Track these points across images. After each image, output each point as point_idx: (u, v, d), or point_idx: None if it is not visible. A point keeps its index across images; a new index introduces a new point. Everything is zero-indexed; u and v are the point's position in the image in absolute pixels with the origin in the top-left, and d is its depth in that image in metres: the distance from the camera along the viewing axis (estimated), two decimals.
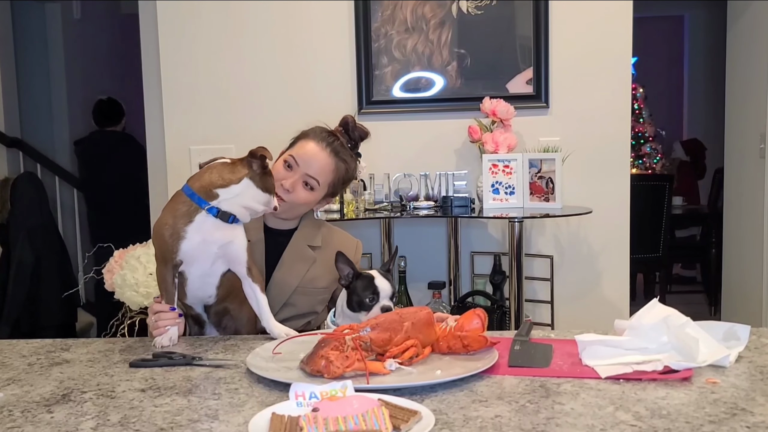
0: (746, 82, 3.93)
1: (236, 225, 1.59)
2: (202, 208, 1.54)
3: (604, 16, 3.18)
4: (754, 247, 3.80)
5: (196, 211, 1.54)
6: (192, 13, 3.31)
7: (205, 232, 1.55)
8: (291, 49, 3.31)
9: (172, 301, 1.59)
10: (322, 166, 1.85)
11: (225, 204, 1.55)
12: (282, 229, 1.91)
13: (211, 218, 1.55)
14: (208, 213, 1.54)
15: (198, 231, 1.54)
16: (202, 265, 1.59)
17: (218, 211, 1.55)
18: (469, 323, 1.43)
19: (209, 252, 1.57)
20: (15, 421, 1.13)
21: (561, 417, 1.08)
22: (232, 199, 1.56)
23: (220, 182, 1.55)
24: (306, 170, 1.84)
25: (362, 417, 0.98)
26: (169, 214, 1.56)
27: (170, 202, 1.60)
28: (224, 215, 1.55)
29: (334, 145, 1.87)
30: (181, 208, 1.55)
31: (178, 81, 3.35)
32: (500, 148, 3.00)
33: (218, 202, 1.55)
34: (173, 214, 1.55)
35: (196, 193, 1.55)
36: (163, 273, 1.59)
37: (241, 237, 1.61)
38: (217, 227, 1.56)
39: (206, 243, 1.56)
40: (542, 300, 3.21)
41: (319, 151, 1.85)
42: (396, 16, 3.24)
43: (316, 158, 1.85)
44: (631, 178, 3.26)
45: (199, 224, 1.54)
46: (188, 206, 1.55)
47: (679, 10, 7.40)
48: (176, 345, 1.57)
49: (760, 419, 1.05)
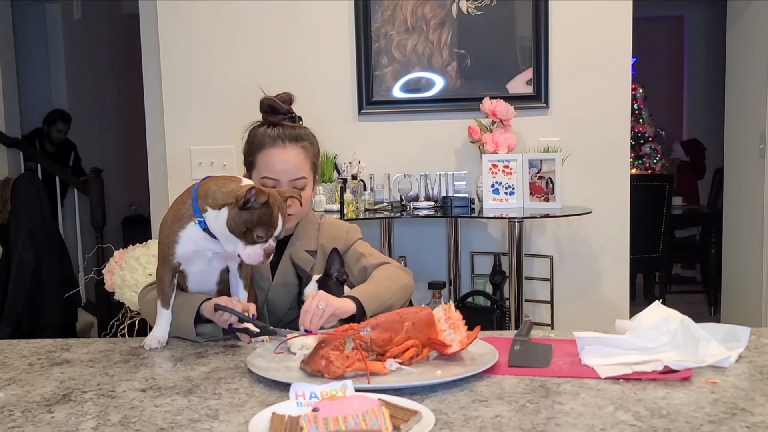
0: (746, 82, 3.93)
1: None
2: (194, 218, 1.52)
3: (604, 16, 3.18)
4: (754, 247, 3.80)
5: (190, 219, 1.52)
6: (192, 13, 3.31)
7: (197, 242, 1.54)
8: (291, 50, 3.31)
9: (167, 303, 1.57)
10: (297, 162, 1.77)
11: (209, 222, 1.51)
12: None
13: (200, 230, 1.52)
14: (197, 225, 1.52)
15: (190, 239, 1.53)
16: (200, 265, 1.60)
17: (206, 226, 1.51)
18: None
19: (204, 256, 1.57)
20: (15, 421, 1.13)
21: (561, 417, 1.08)
22: (212, 220, 1.50)
23: (212, 201, 1.49)
24: (288, 177, 1.76)
25: (362, 417, 0.98)
26: (172, 213, 1.56)
27: (181, 196, 1.57)
28: (210, 232, 1.51)
29: (287, 133, 1.77)
30: (181, 210, 1.54)
31: (178, 81, 3.35)
32: (500, 149, 3.00)
33: (206, 218, 1.51)
34: (176, 213, 1.55)
35: (197, 200, 1.52)
36: (161, 273, 1.58)
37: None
38: (206, 239, 1.53)
39: (198, 252, 1.55)
40: (542, 300, 3.21)
41: (284, 153, 1.76)
42: (396, 17, 3.24)
43: (287, 162, 1.76)
44: (631, 178, 3.26)
45: (190, 233, 1.53)
46: (187, 210, 1.53)
47: (679, 10, 7.40)
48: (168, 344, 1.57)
49: (760, 419, 1.05)
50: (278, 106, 1.81)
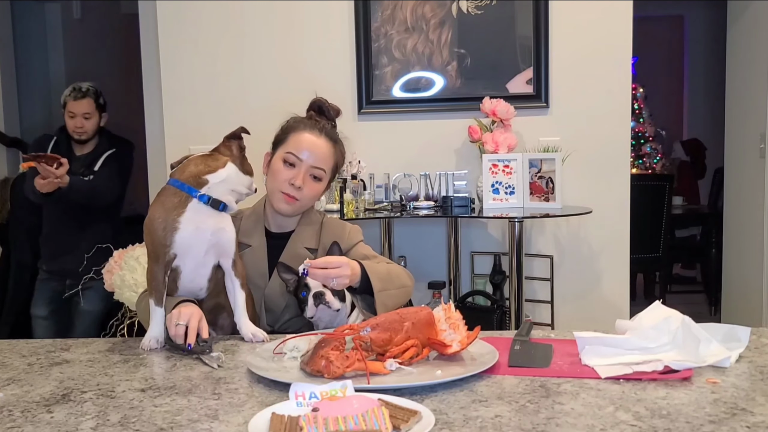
0: (746, 82, 3.92)
1: (225, 214, 1.62)
2: (193, 197, 1.57)
3: (604, 16, 3.18)
4: (754, 247, 3.80)
5: (188, 200, 1.57)
6: (192, 13, 3.32)
7: (198, 220, 1.57)
8: (291, 49, 3.31)
9: (160, 301, 1.58)
10: (324, 153, 1.83)
11: (214, 190, 1.59)
12: (282, 232, 1.89)
13: (202, 206, 1.57)
14: (199, 201, 1.57)
15: (191, 220, 1.56)
16: (196, 256, 1.60)
17: (209, 198, 1.58)
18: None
19: (203, 240, 1.58)
20: (15, 421, 1.13)
21: (561, 417, 1.08)
22: (220, 183, 1.59)
23: (207, 169, 1.60)
24: (311, 162, 1.81)
25: (362, 417, 0.98)
26: (159, 208, 1.58)
27: (158, 197, 1.61)
28: (215, 202, 1.58)
29: (326, 129, 1.85)
30: (171, 200, 1.57)
31: (178, 81, 3.35)
32: (500, 148, 3.00)
33: (208, 189, 1.58)
34: (164, 207, 1.57)
35: (185, 183, 1.58)
36: (154, 271, 1.58)
37: (231, 227, 1.63)
38: (209, 215, 1.58)
39: (200, 231, 1.57)
40: (542, 300, 3.21)
41: (317, 140, 1.82)
42: (396, 16, 3.24)
43: (316, 147, 1.81)
44: (631, 178, 3.26)
45: (191, 213, 1.56)
46: (179, 197, 1.57)
47: (679, 10, 7.39)
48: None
49: (760, 419, 1.05)
50: (326, 110, 1.89)
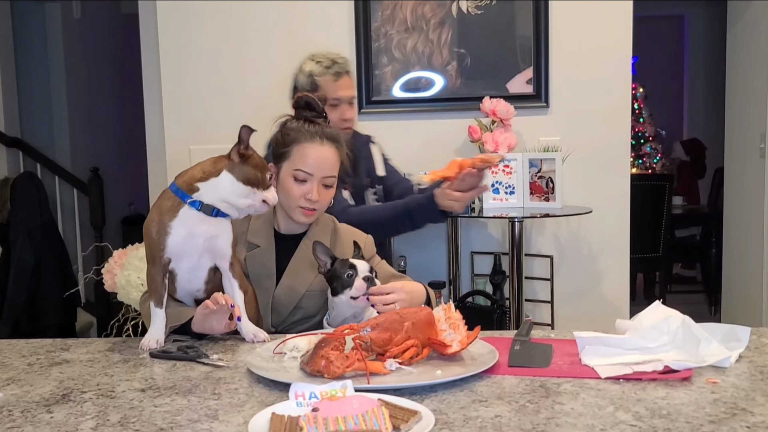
0: (746, 82, 3.92)
1: (222, 219, 1.61)
2: (184, 202, 1.57)
3: (604, 16, 3.18)
4: (754, 247, 3.80)
5: (180, 206, 1.57)
6: (192, 13, 3.31)
7: (190, 225, 1.57)
8: (291, 49, 3.30)
9: (160, 302, 1.59)
10: (331, 161, 1.81)
11: (206, 197, 1.57)
12: (292, 234, 1.89)
13: (194, 211, 1.57)
14: (190, 206, 1.56)
15: (183, 225, 1.56)
16: (190, 260, 1.60)
17: (201, 204, 1.57)
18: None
19: (195, 245, 1.58)
20: (15, 421, 1.13)
21: (561, 417, 1.08)
22: (211, 192, 1.57)
23: (200, 176, 1.58)
24: (321, 174, 1.79)
25: (362, 417, 0.98)
26: (155, 212, 1.59)
27: (157, 200, 1.62)
28: (207, 208, 1.57)
29: (326, 132, 1.81)
30: (166, 204, 1.58)
31: (178, 81, 3.34)
32: (500, 148, 3.00)
33: (199, 195, 1.57)
34: (159, 210, 1.58)
35: (179, 188, 1.58)
36: (152, 273, 1.59)
37: (227, 232, 1.62)
38: (201, 220, 1.57)
39: (191, 236, 1.57)
40: (542, 300, 3.21)
41: (321, 149, 1.79)
42: (396, 16, 3.24)
43: (323, 159, 1.79)
44: (631, 178, 3.26)
45: (183, 218, 1.56)
46: (173, 201, 1.57)
47: (679, 10, 7.39)
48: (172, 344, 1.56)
49: (760, 419, 1.05)
50: (315, 105, 1.85)
